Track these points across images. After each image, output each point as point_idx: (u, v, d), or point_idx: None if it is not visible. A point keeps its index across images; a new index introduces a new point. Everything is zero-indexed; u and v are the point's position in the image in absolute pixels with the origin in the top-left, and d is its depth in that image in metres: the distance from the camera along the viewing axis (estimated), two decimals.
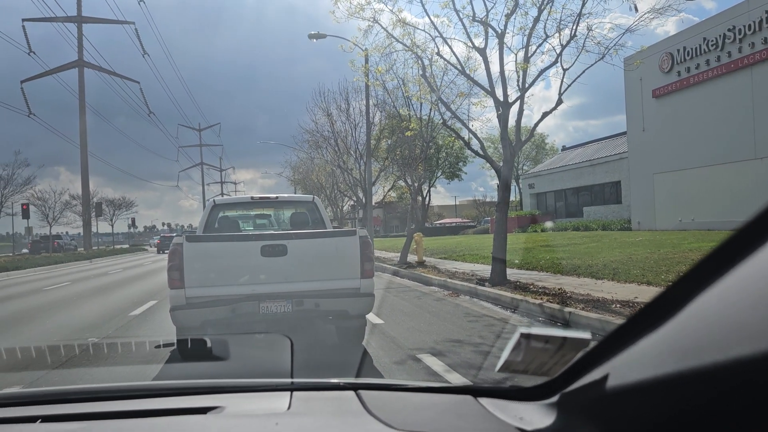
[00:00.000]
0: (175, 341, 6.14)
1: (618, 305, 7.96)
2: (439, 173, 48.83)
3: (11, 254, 47.22)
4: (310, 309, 5.95)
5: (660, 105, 26.49)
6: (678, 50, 25.19)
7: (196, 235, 7.07)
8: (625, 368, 0.96)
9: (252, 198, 8.50)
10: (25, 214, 41.08)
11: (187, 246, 5.86)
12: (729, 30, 22.60)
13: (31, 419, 1.56)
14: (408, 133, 16.88)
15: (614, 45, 10.77)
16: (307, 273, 6.05)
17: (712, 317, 0.77)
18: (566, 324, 7.69)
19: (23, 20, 45.42)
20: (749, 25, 21.81)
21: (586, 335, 1.21)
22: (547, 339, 1.21)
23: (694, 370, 0.76)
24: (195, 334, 5.84)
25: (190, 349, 4.78)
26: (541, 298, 8.97)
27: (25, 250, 51.87)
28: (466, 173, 52.84)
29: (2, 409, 1.72)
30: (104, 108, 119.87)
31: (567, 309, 7.89)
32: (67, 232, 60.89)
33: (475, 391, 1.65)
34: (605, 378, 1.00)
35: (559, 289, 9.78)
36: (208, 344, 4.02)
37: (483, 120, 23.59)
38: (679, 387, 0.80)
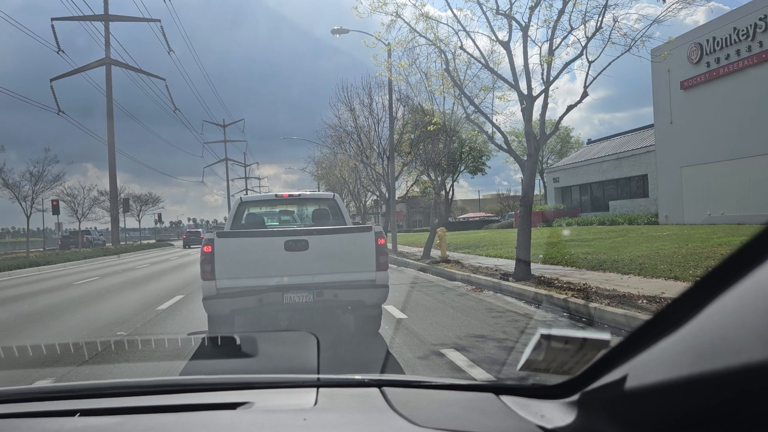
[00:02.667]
0: (205, 337, 6.32)
1: (644, 301, 7.85)
2: (463, 168, 48.67)
3: (42, 249, 48.30)
4: (329, 299, 6.35)
5: (688, 97, 26.01)
6: (707, 40, 24.69)
7: (226, 231, 7.47)
8: (643, 369, 0.98)
9: (276, 195, 8.82)
10: (55, 210, 41.92)
11: (217, 241, 6.31)
12: (760, 19, 22.08)
13: (70, 413, 1.61)
14: (431, 128, 16.82)
15: (641, 37, 10.60)
16: (327, 266, 6.44)
17: (727, 321, 0.78)
18: (591, 319, 7.62)
19: (52, 19, 46.18)
20: None
21: (605, 336, 1.23)
22: (567, 340, 1.23)
23: (709, 373, 0.78)
24: (224, 322, 6.45)
25: (219, 346, 4.88)
26: (566, 294, 8.90)
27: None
28: (489, 167, 52.72)
29: (41, 402, 1.77)
30: (131, 105, 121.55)
31: (592, 304, 7.81)
32: (95, 228, 62.01)
33: (497, 388, 1.67)
34: (624, 378, 1.03)
35: (584, 285, 9.68)
36: (237, 341, 4.08)
37: (507, 114, 23.36)
38: (694, 389, 0.82)
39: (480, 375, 5.04)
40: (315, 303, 6.34)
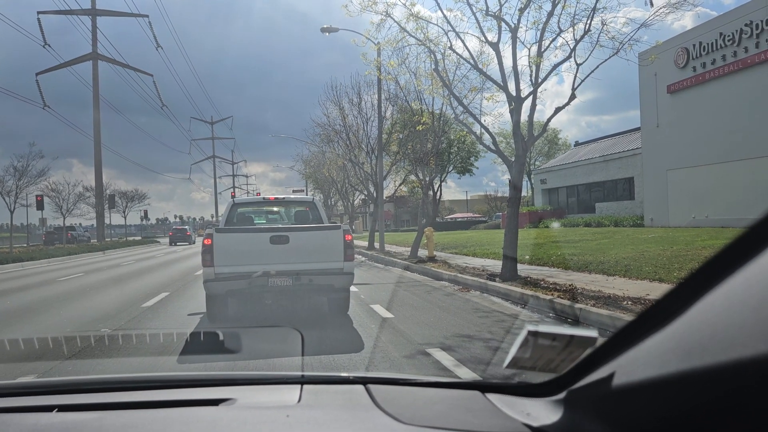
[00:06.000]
0: (189, 334, 6.41)
1: (629, 302, 7.91)
2: (451, 168, 48.69)
3: (26, 245, 47.75)
4: (305, 283, 7.72)
5: (675, 100, 26.24)
6: (694, 45, 24.92)
7: (223, 227, 8.74)
8: (631, 366, 0.97)
9: (264, 198, 10.75)
10: (40, 206, 41.31)
11: (216, 236, 7.75)
12: (746, 25, 22.32)
13: (48, 408, 1.59)
14: (419, 128, 16.84)
15: (629, 40, 10.67)
16: (304, 256, 7.78)
17: (716, 318, 0.78)
18: (576, 320, 7.67)
19: (38, 12, 45.69)
20: (767, 20, 21.51)
21: (593, 333, 1.22)
22: (554, 337, 1.22)
23: (698, 369, 0.77)
24: (220, 301, 7.84)
25: (203, 342, 4.89)
26: (552, 294, 8.94)
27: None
28: (477, 168, 52.81)
29: (19, 398, 1.75)
30: (118, 101, 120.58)
31: (577, 305, 7.86)
32: (80, 224, 61.37)
33: (483, 386, 1.66)
34: (612, 376, 1.01)
35: (569, 285, 9.73)
36: (221, 337, 4.07)
37: (495, 115, 23.36)
38: (683, 386, 0.81)
39: (466, 374, 5.04)
40: (294, 286, 7.70)
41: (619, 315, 7.02)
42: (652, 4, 10.31)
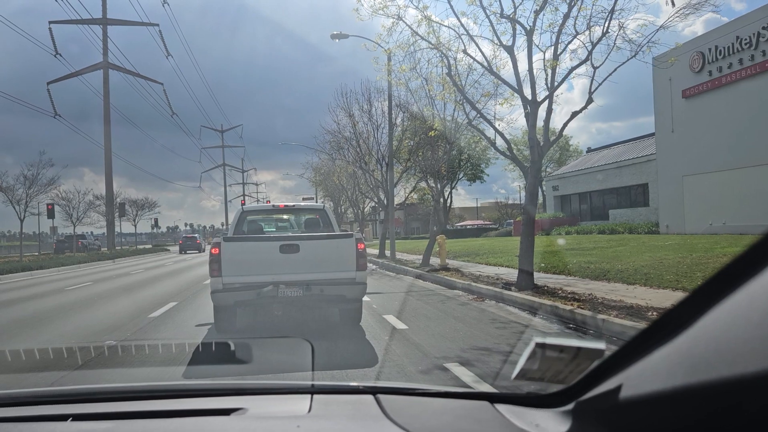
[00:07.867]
0: (199, 344, 6.38)
1: (653, 312, 7.60)
2: (461, 175, 48.46)
3: (37, 253, 47.91)
4: (316, 294, 7.43)
5: (690, 105, 25.86)
6: (709, 49, 24.55)
7: (231, 236, 8.50)
8: (638, 379, 0.98)
9: (273, 206, 10.28)
10: (50, 214, 41.46)
11: (224, 245, 7.55)
12: (763, 28, 21.96)
13: (62, 417, 1.61)
14: (432, 133, 16.60)
15: (647, 42, 10.37)
16: (315, 266, 7.52)
17: (720, 334, 0.78)
18: (599, 332, 7.35)
19: (50, 22, 46.03)
20: None
21: (600, 346, 1.24)
22: (562, 349, 1.25)
23: (702, 384, 0.77)
24: (228, 312, 7.59)
25: (212, 353, 4.85)
26: (572, 304, 8.62)
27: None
28: (488, 175, 52.49)
29: (34, 407, 1.77)
30: (128, 109, 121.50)
31: (600, 316, 7.54)
32: (91, 232, 61.57)
33: (492, 397, 1.66)
34: (619, 388, 1.03)
35: (589, 295, 9.42)
36: (232, 347, 4.01)
37: (507, 120, 23.04)
38: (688, 400, 0.82)
39: (484, 389, 4.76)
40: (304, 297, 7.42)
41: (645, 326, 6.70)
42: (673, 4, 10.00)
